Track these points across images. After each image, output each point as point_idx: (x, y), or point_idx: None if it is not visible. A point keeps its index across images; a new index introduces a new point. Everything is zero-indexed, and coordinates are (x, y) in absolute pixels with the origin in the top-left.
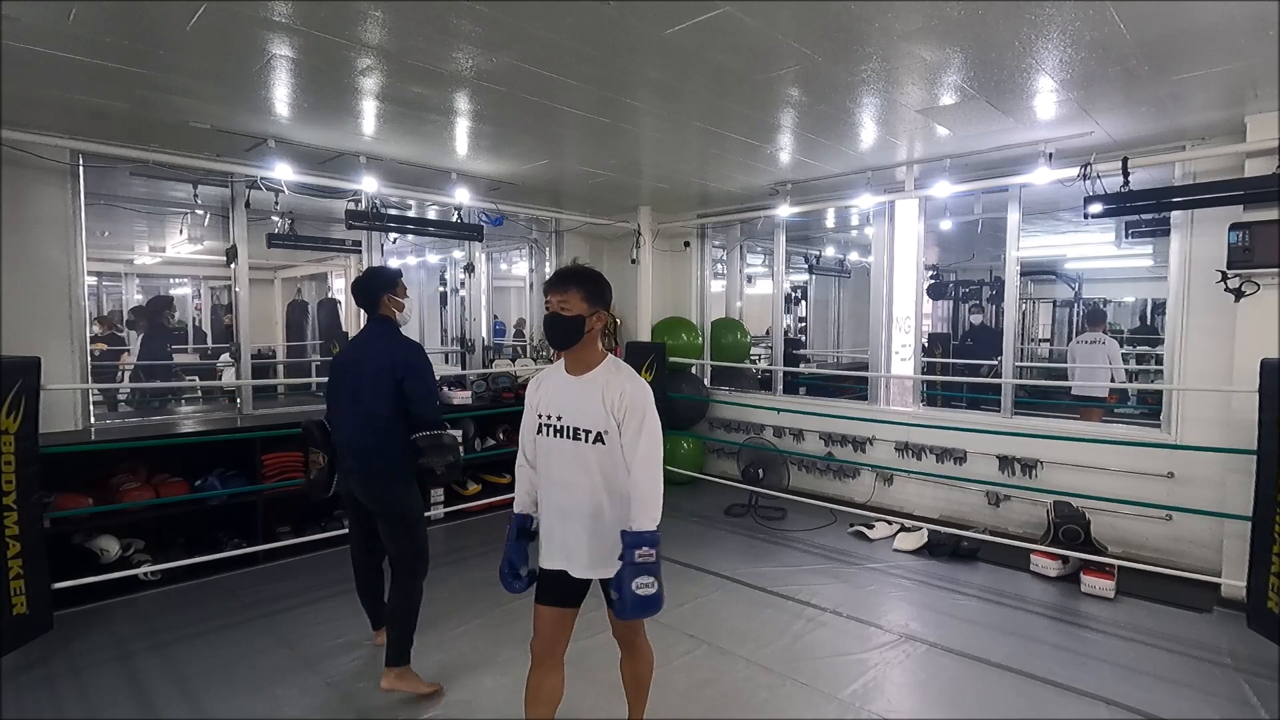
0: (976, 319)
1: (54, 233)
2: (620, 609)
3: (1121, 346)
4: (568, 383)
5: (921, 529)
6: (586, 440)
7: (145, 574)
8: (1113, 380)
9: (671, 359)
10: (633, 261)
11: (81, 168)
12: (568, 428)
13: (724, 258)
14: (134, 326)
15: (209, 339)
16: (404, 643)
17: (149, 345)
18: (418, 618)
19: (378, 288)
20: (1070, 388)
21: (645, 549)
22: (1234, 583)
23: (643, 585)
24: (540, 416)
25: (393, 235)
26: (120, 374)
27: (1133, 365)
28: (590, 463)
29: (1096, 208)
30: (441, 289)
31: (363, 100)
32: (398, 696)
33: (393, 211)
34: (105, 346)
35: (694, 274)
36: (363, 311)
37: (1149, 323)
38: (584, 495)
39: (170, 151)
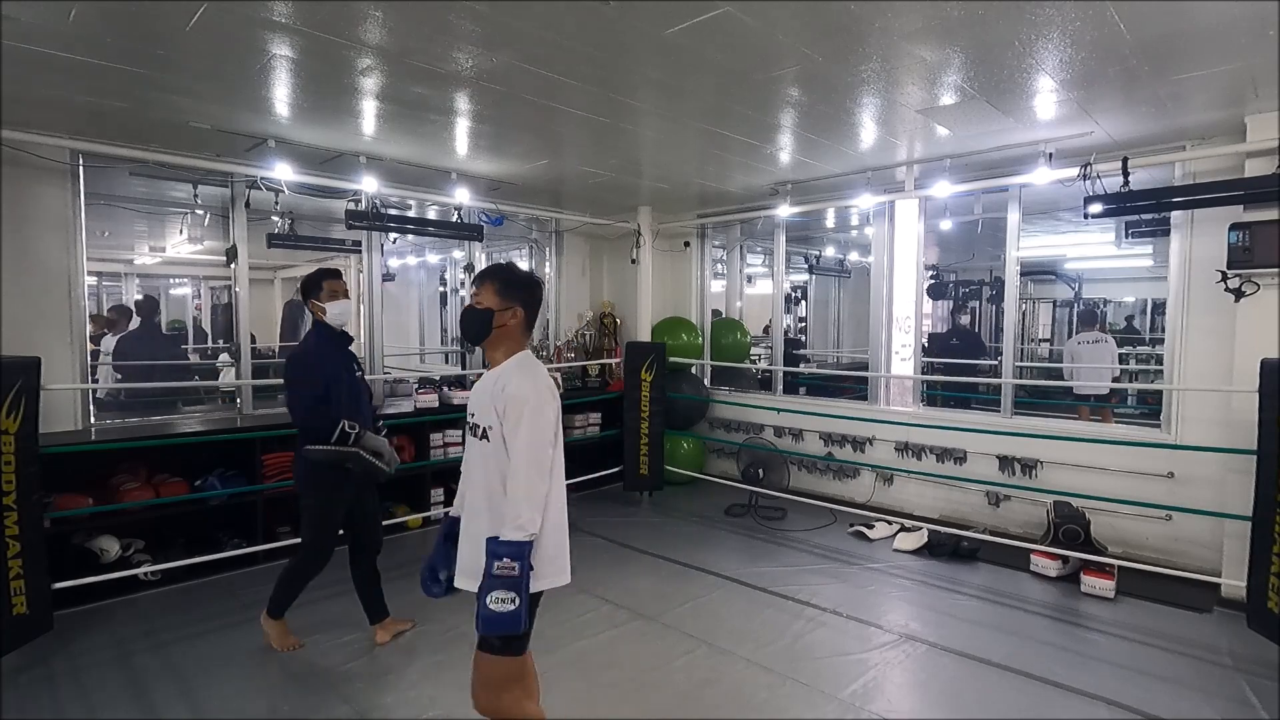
0: (965, 319)
1: (54, 233)
2: (477, 623)
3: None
4: (482, 380)
5: (921, 529)
6: (477, 435)
7: (145, 574)
8: (1116, 379)
9: (671, 359)
10: (633, 261)
11: (81, 168)
12: (472, 425)
13: (724, 258)
14: (113, 327)
15: (209, 338)
16: (277, 601)
17: (132, 344)
18: (297, 591)
19: (304, 293)
20: (1071, 388)
21: (506, 561)
22: (1234, 583)
23: (499, 600)
24: (466, 417)
25: (393, 235)
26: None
27: (1132, 365)
28: (478, 461)
29: (1096, 208)
30: (441, 289)
31: (363, 100)
32: (395, 697)
33: (393, 211)
34: (95, 346)
35: (694, 274)
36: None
37: (1138, 324)
38: (473, 497)
39: (170, 151)
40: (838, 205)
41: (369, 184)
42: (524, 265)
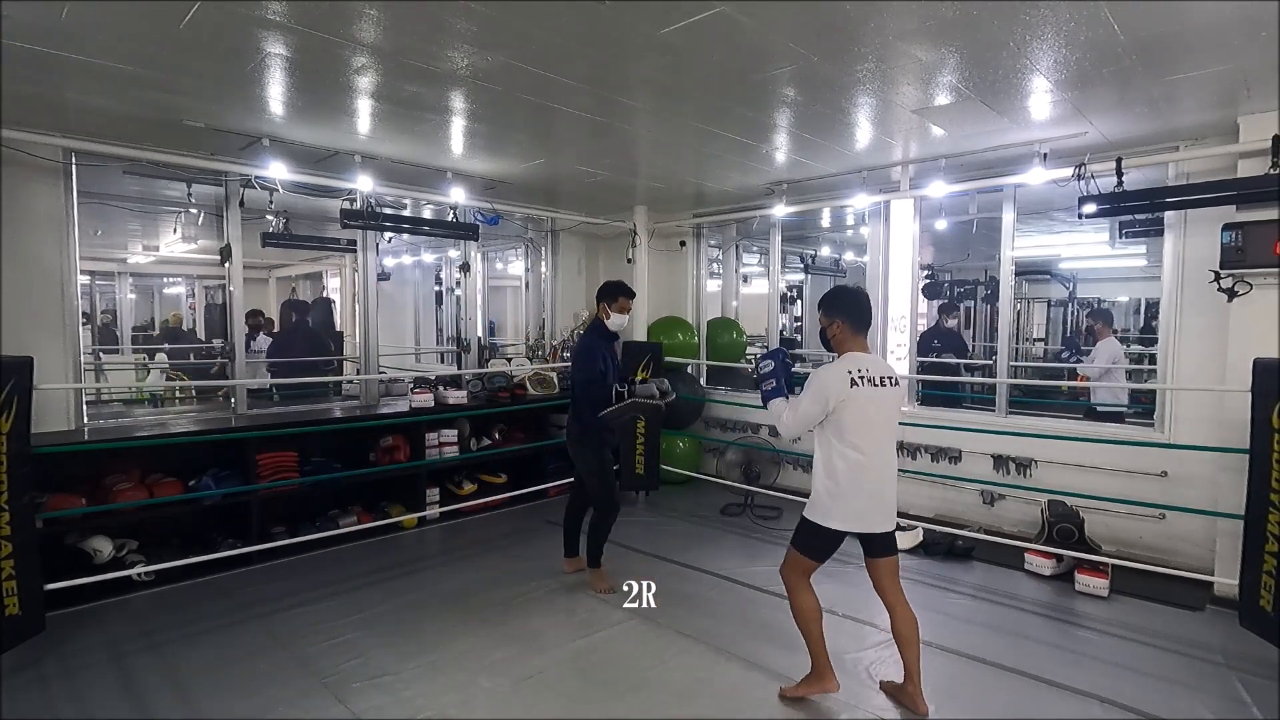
0: (952, 323)
1: (47, 232)
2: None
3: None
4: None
5: (917, 528)
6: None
7: (139, 574)
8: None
9: (667, 358)
10: (629, 261)
11: (74, 166)
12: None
13: (720, 257)
14: (267, 327)
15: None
16: (593, 554)
17: (286, 341)
18: (604, 540)
19: (600, 296)
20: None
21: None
22: (1226, 581)
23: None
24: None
25: (388, 234)
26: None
27: (1127, 365)
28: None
29: (1091, 208)
30: (437, 288)
31: (358, 99)
32: (390, 698)
33: (388, 210)
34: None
35: (690, 273)
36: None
37: (1129, 324)
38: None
39: (164, 150)
40: (833, 205)
41: (364, 183)
42: (520, 264)
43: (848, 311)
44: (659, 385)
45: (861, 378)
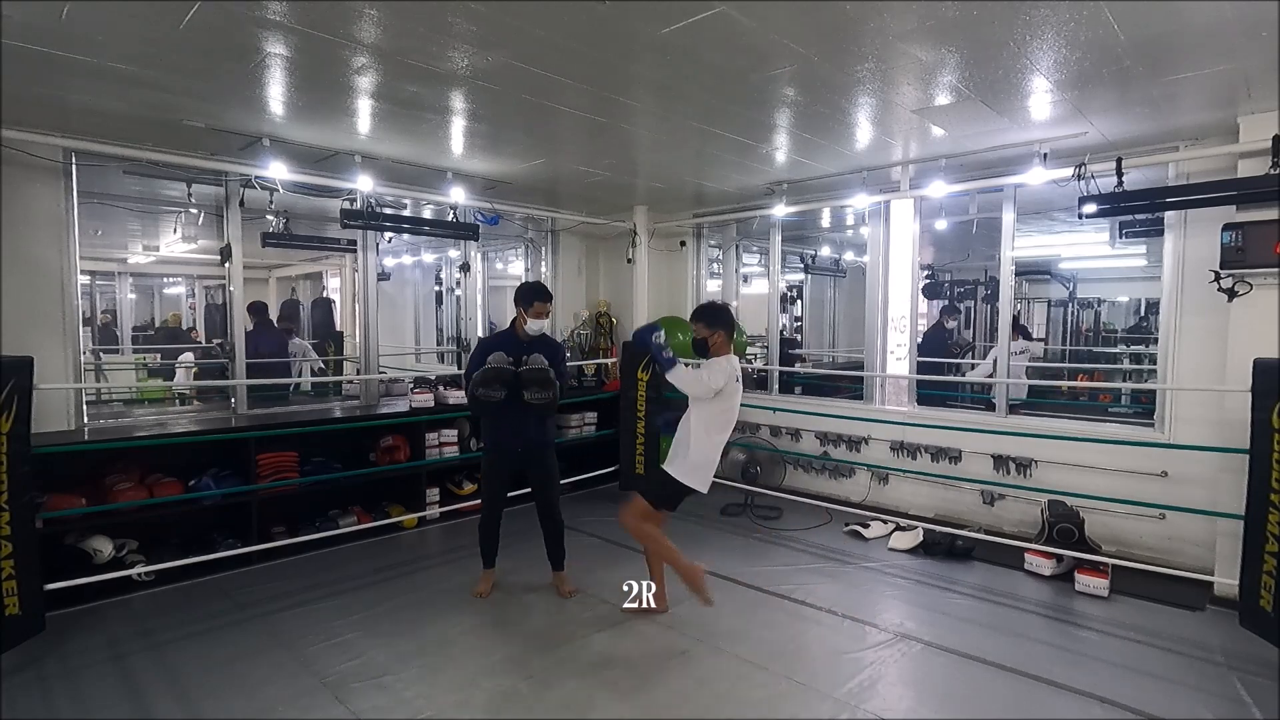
0: (953, 324)
1: (47, 232)
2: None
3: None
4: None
5: (917, 528)
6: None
7: (139, 574)
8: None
9: None
10: (629, 261)
11: (74, 166)
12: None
13: (720, 257)
14: None
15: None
16: (557, 557)
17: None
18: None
19: (517, 299)
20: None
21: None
22: (1227, 581)
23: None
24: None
25: (388, 234)
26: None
27: (1127, 365)
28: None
29: (1091, 208)
30: (437, 288)
31: (358, 99)
32: (390, 698)
33: (388, 210)
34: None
35: (690, 273)
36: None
37: (1128, 324)
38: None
39: (164, 150)
40: (833, 205)
41: (364, 183)
42: (520, 264)
43: (726, 325)
44: (538, 364)
45: (737, 378)
